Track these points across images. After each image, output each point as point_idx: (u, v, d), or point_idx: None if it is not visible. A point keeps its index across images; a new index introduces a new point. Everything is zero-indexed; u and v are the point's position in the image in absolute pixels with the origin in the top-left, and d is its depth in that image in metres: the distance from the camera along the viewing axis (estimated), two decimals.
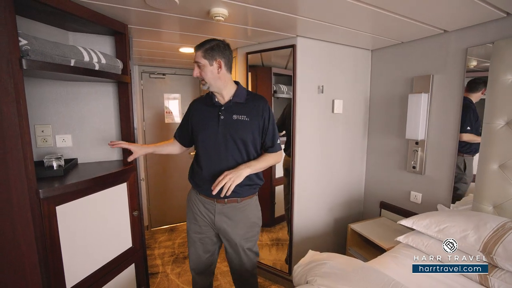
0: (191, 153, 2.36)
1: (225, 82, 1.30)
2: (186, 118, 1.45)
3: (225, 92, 1.32)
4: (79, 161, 1.55)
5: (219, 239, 1.47)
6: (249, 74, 2.09)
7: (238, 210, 1.35)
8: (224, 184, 1.17)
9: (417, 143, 1.81)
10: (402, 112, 1.92)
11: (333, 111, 2.03)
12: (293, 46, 1.81)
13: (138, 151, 1.46)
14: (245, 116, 1.30)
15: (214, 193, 1.17)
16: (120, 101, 1.55)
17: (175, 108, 3.23)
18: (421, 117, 1.72)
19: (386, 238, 1.76)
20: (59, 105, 1.47)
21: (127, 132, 1.57)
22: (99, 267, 1.35)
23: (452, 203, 1.66)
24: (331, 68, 1.98)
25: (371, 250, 1.98)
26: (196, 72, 1.27)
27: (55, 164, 1.28)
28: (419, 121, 1.73)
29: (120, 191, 1.46)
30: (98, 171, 1.37)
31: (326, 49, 1.93)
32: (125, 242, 1.51)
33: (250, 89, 2.10)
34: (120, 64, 1.42)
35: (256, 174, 1.36)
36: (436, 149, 1.73)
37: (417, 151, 1.81)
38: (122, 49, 1.49)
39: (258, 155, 1.37)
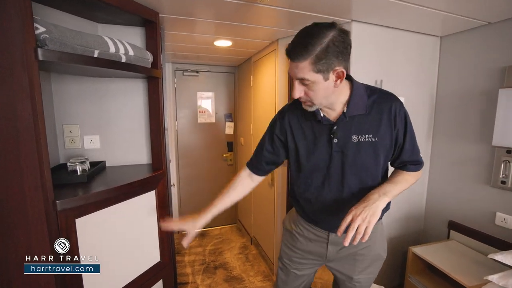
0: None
1: (340, 91, 0.86)
2: (272, 134, 1.01)
3: (337, 104, 0.88)
4: (106, 164, 1.43)
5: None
6: None
7: (361, 247, 1.00)
8: (358, 228, 0.76)
9: (509, 151, 1.41)
10: (485, 112, 1.53)
11: None
12: None
13: (193, 227, 1.00)
14: (371, 135, 0.87)
15: (346, 244, 0.77)
16: (149, 98, 1.40)
17: (208, 107, 3.09)
18: None
19: (465, 271, 1.40)
20: (87, 104, 1.36)
21: (156, 132, 1.42)
22: (124, 285, 1.20)
23: None
24: (391, 60, 1.65)
25: (437, 280, 1.62)
26: (298, 93, 0.82)
27: (79, 169, 1.15)
28: None
29: (148, 200, 1.30)
30: (124, 177, 1.22)
31: (386, 37, 1.61)
32: (152, 256, 1.36)
33: (287, 87, 1.85)
34: (149, 57, 1.26)
35: None
36: None
37: (509, 162, 1.41)
38: (153, 41, 1.33)
39: (382, 177, 0.96)
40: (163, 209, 1.38)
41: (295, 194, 1.06)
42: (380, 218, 1.00)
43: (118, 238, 1.17)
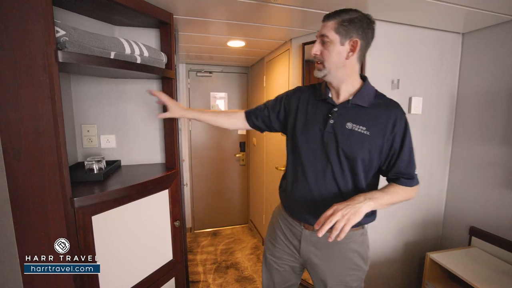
0: (280, 168, 2.11)
1: (349, 73, 0.92)
2: (279, 105, 1.10)
3: (344, 87, 0.94)
4: (121, 163, 1.47)
5: (303, 270, 1.14)
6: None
7: (334, 241, 0.93)
8: (335, 224, 0.76)
9: None
10: (510, 113, 1.45)
11: (409, 111, 1.63)
12: None
13: (175, 110, 1.16)
14: (364, 128, 0.90)
15: (319, 235, 0.76)
16: None
17: (221, 108, 3.11)
18: None
19: (487, 280, 1.32)
20: (104, 104, 1.40)
21: (170, 132, 1.44)
22: (137, 282, 1.22)
23: None
24: (409, 58, 1.60)
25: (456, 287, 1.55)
26: (316, 49, 0.89)
27: (95, 167, 1.18)
28: None
29: (161, 198, 1.32)
30: (138, 176, 1.25)
31: (403, 34, 1.55)
32: (165, 254, 1.38)
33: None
34: (164, 58, 1.28)
35: None
36: None
37: None
38: (167, 42, 1.35)
39: (368, 185, 0.97)
40: (176, 208, 1.40)
41: (283, 182, 1.12)
42: (362, 224, 1.00)
43: (132, 236, 1.20)
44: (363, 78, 0.97)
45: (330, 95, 0.97)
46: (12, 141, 0.85)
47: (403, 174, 0.93)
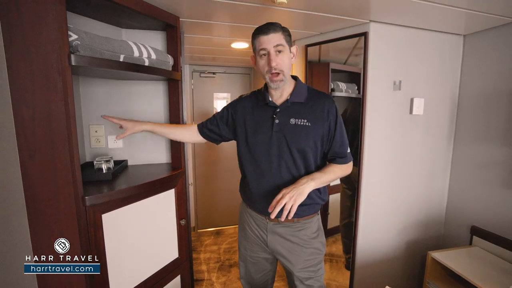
0: None
1: (290, 79, 1.08)
2: (227, 114, 1.20)
3: (287, 88, 1.08)
4: (128, 163, 1.50)
5: (276, 259, 1.25)
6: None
7: (295, 231, 1.11)
8: (284, 206, 0.91)
9: None
10: (511, 113, 1.47)
11: (411, 112, 1.66)
12: (364, 34, 1.50)
13: (132, 127, 1.19)
14: (305, 121, 1.04)
15: (272, 216, 0.91)
16: (170, 100, 1.45)
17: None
18: None
19: (489, 279, 1.35)
20: (112, 105, 1.43)
21: None
22: (144, 279, 1.25)
23: None
24: (410, 60, 1.62)
25: (457, 286, 1.56)
26: (275, 61, 0.99)
27: (104, 167, 1.22)
28: None
29: (168, 198, 1.36)
30: (146, 176, 1.28)
31: (405, 36, 1.58)
32: (171, 253, 1.41)
33: None
34: (170, 60, 1.31)
35: (318, 190, 1.10)
36: None
37: None
38: (173, 44, 1.38)
39: (318, 167, 1.10)
40: (182, 207, 1.43)
41: (242, 182, 1.22)
42: (316, 211, 1.16)
43: (140, 234, 1.23)
44: (294, 78, 1.12)
45: (270, 99, 1.09)
46: (27, 141, 0.89)
47: (337, 154, 1.08)
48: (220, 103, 3.10)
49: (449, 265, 1.49)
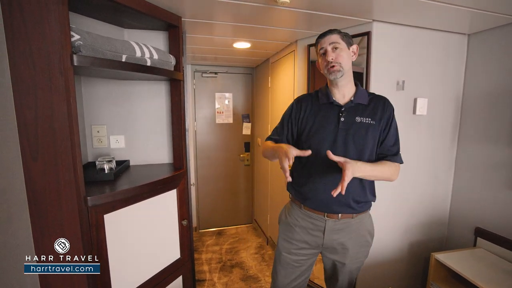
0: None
1: (351, 76, 1.14)
2: (291, 117, 1.20)
3: (346, 90, 1.13)
4: (130, 163, 1.50)
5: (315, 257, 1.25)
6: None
7: (352, 225, 1.15)
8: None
9: None
10: None
11: (414, 112, 1.64)
12: (367, 34, 1.49)
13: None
14: (370, 119, 1.10)
15: (335, 194, 0.91)
16: (172, 100, 1.45)
17: (226, 108, 3.13)
18: None
19: (493, 281, 1.33)
20: (114, 105, 1.43)
21: (178, 133, 1.46)
22: (146, 280, 1.25)
23: None
24: (414, 60, 1.61)
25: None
26: (332, 55, 1.06)
27: (106, 167, 1.22)
28: None
29: (170, 198, 1.35)
30: (148, 176, 1.27)
31: (409, 36, 1.56)
32: (173, 253, 1.40)
33: (306, 88, 1.85)
34: (172, 60, 1.31)
35: (370, 190, 1.16)
36: None
37: None
38: (176, 44, 1.38)
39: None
40: (184, 207, 1.43)
41: (298, 179, 1.19)
42: (369, 208, 1.20)
43: (142, 234, 1.23)
44: (356, 84, 1.18)
45: (334, 98, 1.14)
46: (29, 142, 0.88)
47: (390, 151, 1.12)
48: (222, 103, 3.10)
49: (453, 266, 1.48)
